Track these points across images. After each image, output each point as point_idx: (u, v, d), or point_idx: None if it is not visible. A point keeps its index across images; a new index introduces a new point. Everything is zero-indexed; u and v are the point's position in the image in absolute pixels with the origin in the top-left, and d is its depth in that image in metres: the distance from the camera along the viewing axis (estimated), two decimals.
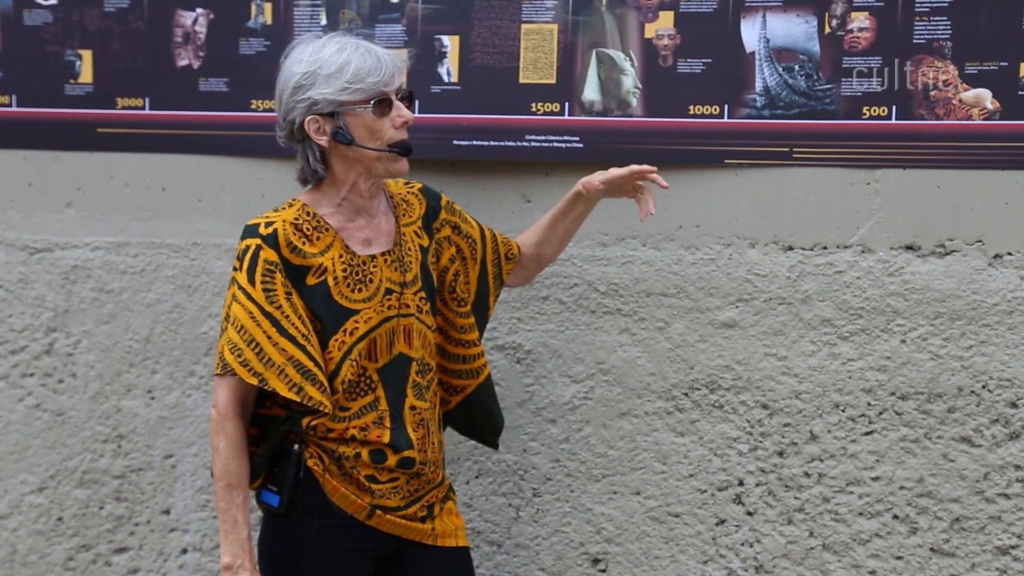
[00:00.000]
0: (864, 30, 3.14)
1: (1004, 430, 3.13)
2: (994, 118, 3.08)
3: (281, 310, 2.83)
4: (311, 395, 2.81)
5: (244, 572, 2.87)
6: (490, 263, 3.10)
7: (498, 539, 3.47)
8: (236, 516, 2.86)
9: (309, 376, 2.82)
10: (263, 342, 2.82)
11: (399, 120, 2.86)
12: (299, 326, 2.83)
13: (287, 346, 2.82)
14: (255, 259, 2.84)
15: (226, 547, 2.87)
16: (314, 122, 2.84)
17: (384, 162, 2.87)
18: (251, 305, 2.83)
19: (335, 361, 2.87)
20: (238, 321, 2.83)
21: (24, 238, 3.74)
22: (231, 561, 2.87)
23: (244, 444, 2.88)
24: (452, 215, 3.06)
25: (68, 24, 3.65)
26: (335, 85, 2.81)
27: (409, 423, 2.92)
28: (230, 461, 2.86)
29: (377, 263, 2.92)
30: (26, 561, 3.78)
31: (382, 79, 2.83)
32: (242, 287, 2.83)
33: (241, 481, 2.87)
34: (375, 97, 2.82)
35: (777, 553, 3.28)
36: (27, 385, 3.76)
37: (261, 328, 2.82)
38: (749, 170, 3.24)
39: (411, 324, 2.94)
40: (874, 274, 3.18)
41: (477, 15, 3.35)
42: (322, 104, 2.82)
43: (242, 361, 2.82)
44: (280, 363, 2.81)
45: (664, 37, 3.25)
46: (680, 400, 3.32)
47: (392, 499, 2.92)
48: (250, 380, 2.82)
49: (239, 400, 2.87)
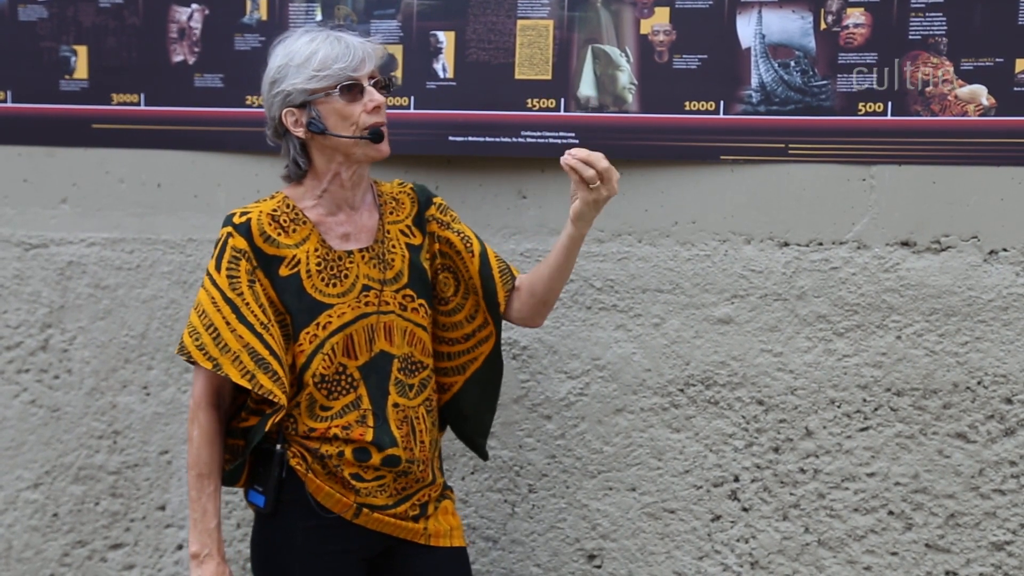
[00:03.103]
0: (860, 26, 3.14)
1: (999, 426, 3.13)
2: (989, 114, 3.08)
3: (242, 297, 2.84)
4: (262, 383, 2.82)
5: (211, 560, 2.88)
6: (479, 273, 3.05)
7: (494, 535, 3.47)
8: (206, 505, 2.88)
9: (263, 364, 2.82)
10: (221, 328, 2.84)
11: (371, 104, 2.85)
12: (259, 315, 2.84)
13: (244, 333, 2.83)
14: (224, 246, 2.87)
15: (194, 536, 2.89)
16: (290, 114, 2.87)
17: (362, 147, 2.87)
18: (214, 291, 2.86)
19: (306, 354, 2.87)
20: (200, 306, 2.87)
21: (19, 234, 3.74)
22: (198, 550, 2.89)
23: (217, 434, 2.90)
24: (442, 214, 3.05)
25: (63, 20, 3.64)
26: (304, 74, 2.84)
27: (392, 421, 2.91)
28: (202, 450, 2.89)
29: (354, 259, 2.92)
30: (22, 557, 3.78)
31: (349, 65, 2.84)
32: (209, 273, 2.87)
33: (212, 471, 2.89)
34: (342, 82, 2.84)
35: (772, 549, 3.29)
36: (22, 381, 3.75)
37: (221, 314, 2.84)
38: (745, 166, 3.24)
39: (392, 321, 2.93)
40: (870, 270, 3.18)
41: (472, 11, 3.35)
42: (294, 95, 2.85)
43: (199, 345, 2.85)
44: (236, 349, 2.83)
45: (660, 33, 3.25)
46: (676, 396, 3.32)
47: (379, 497, 2.91)
48: (204, 364, 2.84)
49: (213, 390, 2.90)
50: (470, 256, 3.03)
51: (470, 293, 3.05)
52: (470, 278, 3.04)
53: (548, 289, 3.01)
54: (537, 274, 3.02)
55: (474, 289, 3.04)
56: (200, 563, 2.88)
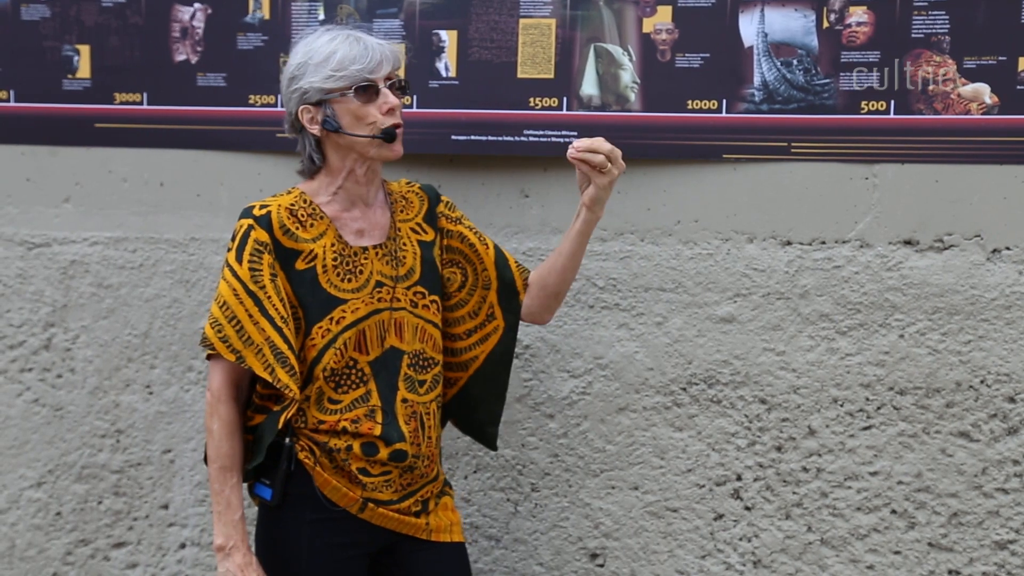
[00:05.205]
0: (862, 24, 3.14)
1: (1002, 425, 3.13)
2: (992, 112, 3.08)
3: (264, 290, 2.86)
4: (280, 377, 2.84)
5: (237, 553, 2.89)
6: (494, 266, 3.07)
7: (496, 534, 3.48)
8: (229, 498, 2.89)
9: (281, 359, 2.84)
10: (244, 320, 2.85)
11: (385, 106, 2.88)
12: (279, 308, 2.86)
13: (266, 326, 2.85)
14: (245, 238, 2.88)
15: (219, 528, 2.89)
16: (307, 112, 2.90)
17: (375, 147, 2.90)
18: (236, 283, 2.87)
19: (317, 348, 2.89)
20: (222, 298, 2.88)
21: (22, 233, 3.74)
22: (223, 542, 2.89)
23: (238, 426, 2.91)
24: (451, 211, 3.06)
25: (66, 19, 3.65)
26: (322, 74, 2.87)
27: (401, 416, 2.92)
28: (223, 443, 2.89)
29: (368, 255, 2.94)
30: (24, 556, 3.79)
31: (366, 67, 2.87)
32: (230, 265, 2.88)
33: (234, 463, 2.90)
34: (358, 83, 2.86)
35: (775, 548, 3.28)
36: (25, 380, 3.76)
37: (244, 306, 2.86)
38: (747, 165, 3.24)
39: (403, 318, 2.95)
40: (872, 269, 3.18)
41: (475, 10, 3.35)
42: (311, 93, 2.88)
43: (222, 337, 2.86)
44: (259, 342, 2.85)
45: (662, 32, 3.25)
46: (678, 395, 3.32)
47: (384, 492, 2.93)
48: (228, 357, 2.86)
49: (232, 383, 2.91)
50: (484, 248, 3.05)
51: (478, 287, 3.06)
52: (484, 270, 3.05)
53: (560, 280, 3.03)
54: (548, 267, 3.03)
55: (486, 282, 3.05)
56: (227, 555, 2.89)
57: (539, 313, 3.09)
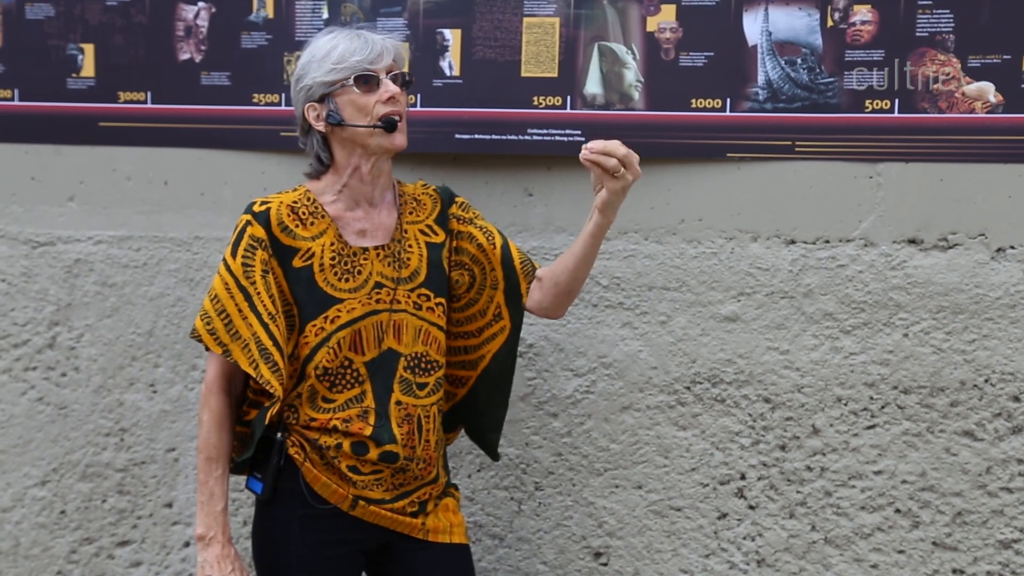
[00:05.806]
0: (867, 23, 3.14)
1: (1007, 424, 3.13)
2: (997, 111, 3.07)
3: (255, 286, 2.88)
4: (263, 374, 2.85)
5: (216, 544, 2.92)
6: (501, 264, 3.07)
7: (500, 533, 3.48)
8: (213, 489, 2.92)
9: (266, 355, 2.86)
10: (233, 314, 2.88)
11: (385, 95, 2.90)
12: (268, 305, 2.88)
13: (254, 322, 2.87)
14: (242, 234, 2.91)
15: (201, 518, 2.93)
16: (312, 109, 2.93)
17: (377, 137, 2.91)
18: (228, 277, 2.90)
19: (310, 346, 2.90)
20: (214, 291, 2.91)
21: (27, 232, 3.75)
22: (204, 532, 2.92)
23: (227, 419, 2.94)
24: (464, 211, 3.06)
25: (70, 18, 3.65)
26: (323, 68, 2.90)
27: (394, 419, 2.93)
28: (211, 434, 2.92)
29: (369, 256, 2.94)
30: (29, 554, 3.79)
31: (366, 57, 2.90)
32: (224, 259, 2.91)
33: (220, 455, 2.93)
34: (357, 73, 2.89)
35: (779, 547, 3.28)
36: (30, 379, 3.76)
37: (234, 301, 2.88)
38: (751, 164, 3.24)
39: (403, 320, 2.95)
40: (876, 268, 3.18)
41: (479, 8, 3.35)
42: (315, 88, 2.91)
43: (210, 330, 2.90)
44: (246, 337, 2.87)
45: (666, 30, 3.25)
46: (682, 394, 3.32)
47: (375, 491, 2.93)
48: (215, 349, 2.89)
49: (225, 376, 2.94)
50: (492, 248, 3.05)
51: (486, 287, 3.06)
52: (493, 269, 3.05)
53: (572, 279, 3.01)
54: (561, 264, 3.03)
55: (494, 282, 3.05)
56: (206, 545, 2.92)
57: (552, 309, 3.08)
